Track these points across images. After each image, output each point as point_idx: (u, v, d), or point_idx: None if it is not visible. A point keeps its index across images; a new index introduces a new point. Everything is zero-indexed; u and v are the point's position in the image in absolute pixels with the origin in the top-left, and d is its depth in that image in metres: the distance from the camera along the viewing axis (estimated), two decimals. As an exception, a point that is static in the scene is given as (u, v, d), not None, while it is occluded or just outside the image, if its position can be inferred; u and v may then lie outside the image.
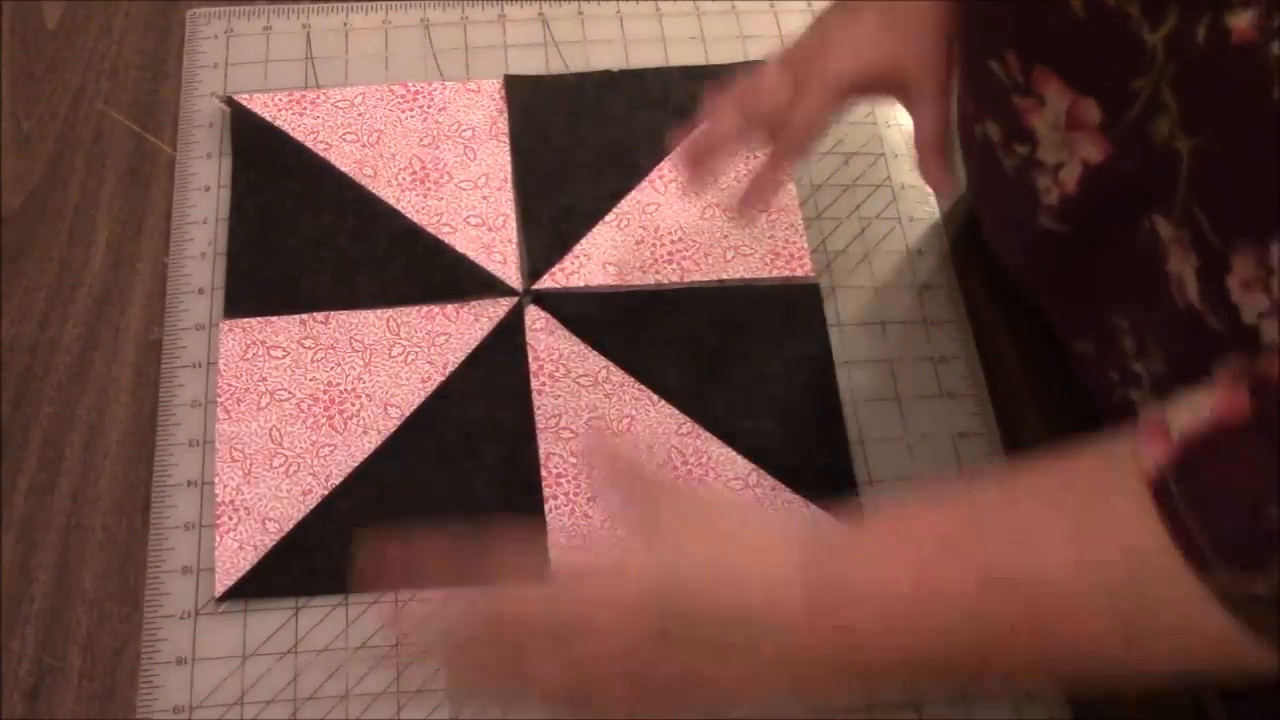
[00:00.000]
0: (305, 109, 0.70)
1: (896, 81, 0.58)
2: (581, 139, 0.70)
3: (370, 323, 0.64)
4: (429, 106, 0.70)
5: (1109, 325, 0.54)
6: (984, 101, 0.55)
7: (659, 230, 0.67)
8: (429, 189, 0.68)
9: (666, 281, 0.66)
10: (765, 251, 0.67)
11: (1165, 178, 0.44)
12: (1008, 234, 0.61)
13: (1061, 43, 0.48)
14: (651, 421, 0.62)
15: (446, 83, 0.71)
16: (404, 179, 0.68)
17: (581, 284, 0.65)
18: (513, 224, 0.67)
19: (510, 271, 0.66)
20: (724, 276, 0.66)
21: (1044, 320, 0.60)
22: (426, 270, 0.65)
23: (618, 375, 0.63)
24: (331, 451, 0.60)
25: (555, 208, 0.68)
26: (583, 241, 0.66)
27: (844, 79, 0.57)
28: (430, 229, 0.66)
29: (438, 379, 0.62)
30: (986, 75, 0.53)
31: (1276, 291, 0.40)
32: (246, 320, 0.63)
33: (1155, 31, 0.43)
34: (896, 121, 0.71)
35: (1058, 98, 0.49)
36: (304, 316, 0.64)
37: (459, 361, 0.63)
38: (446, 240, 0.66)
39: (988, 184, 0.60)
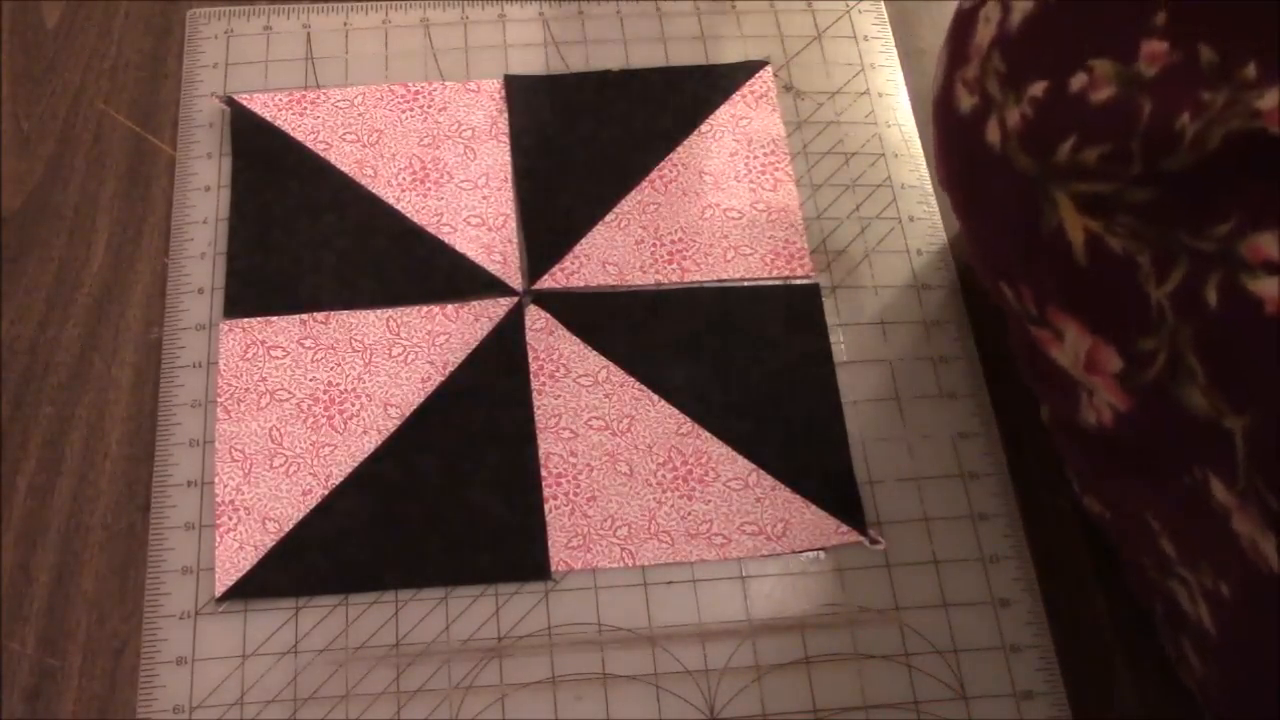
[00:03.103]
0: (305, 109, 0.70)
1: None
2: (581, 139, 0.70)
3: (370, 323, 0.64)
4: (429, 106, 0.70)
5: (1142, 519, 0.48)
6: (1007, 313, 0.49)
7: (659, 230, 0.67)
8: (429, 189, 0.68)
9: (666, 281, 0.66)
10: (765, 251, 0.67)
11: (1217, 451, 0.39)
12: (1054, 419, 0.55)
13: (1069, 284, 0.43)
14: (651, 421, 0.62)
15: (446, 83, 0.71)
16: (404, 179, 0.68)
17: (581, 284, 0.65)
18: (513, 224, 0.67)
19: (510, 271, 0.66)
20: (724, 276, 0.66)
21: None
22: (426, 270, 0.65)
23: (618, 375, 0.63)
24: (331, 451, 0.60)
25: (555, 208, 0.68)
26: (583, 241, 0.66)
27: None
28: (430, 229, 0.66)
29: (438, 379, 0.62)
30: (1000, 295, 0.48)
31: None
32: (246, 320, 0.63)
33: (1160, 287, 0.39)
34: (896, 122, 0.71)
35: (1077, 338, 0.44)
36: (304, 316, 0.64)
37: (459, 361, 0.63)
38: (446, 240, 0.66)
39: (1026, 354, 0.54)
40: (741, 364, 0.63)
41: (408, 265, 0.65)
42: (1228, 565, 0.42)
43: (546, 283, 0.65)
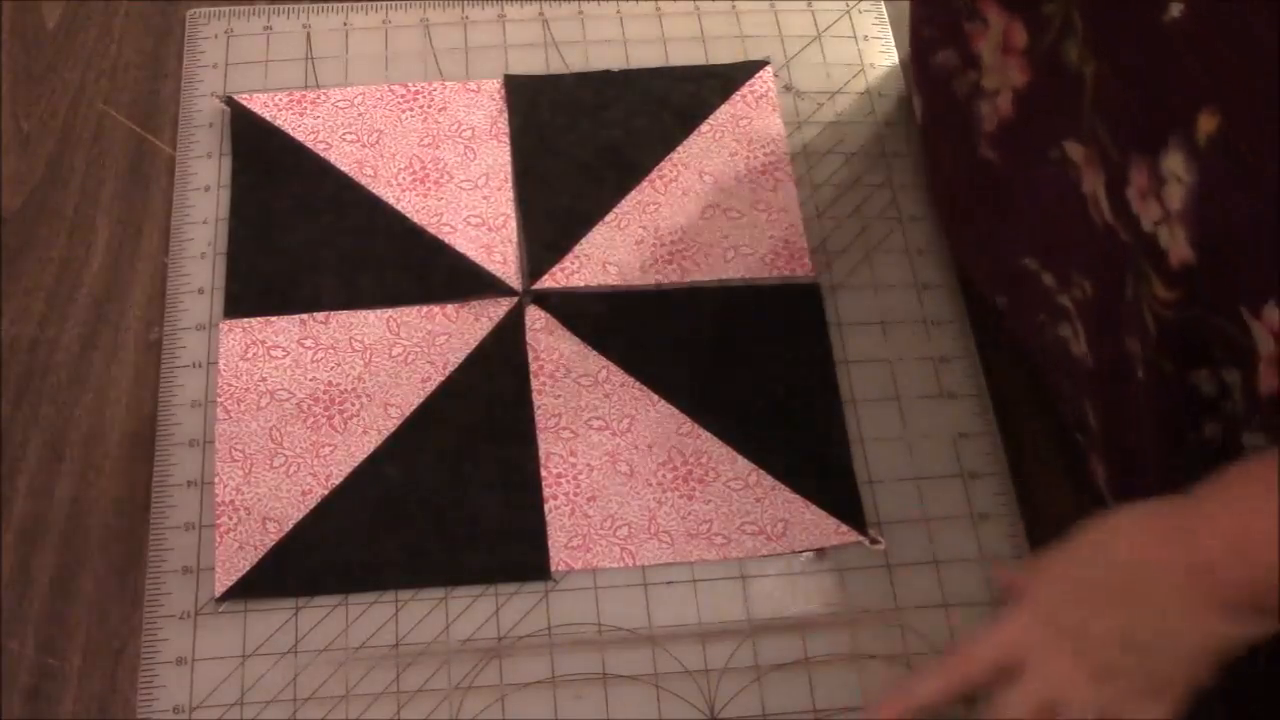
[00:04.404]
0: (305, 109, 0.70)
1: None
2: (581, 139, 0.70)
3: (370, 323, 0.64)
4: (429, 106, 0.70)
5: (1022, 270, 0.56)
6: (943, 29, 0.57)
7: (659, 230, 0.67)
8: (429, 189, 0.68)
9: (666, 281, 0.66)
10: (765, 251, 0.67)
11: (1074, 100, 0.49)
12: (952, 169, 0.63)
13: None
14: (651, 421, 0.62)
15: (446, 83, 0.71)
16: (404, 179, 0.68)
17: (581, 284, 0.65)
18: (513, 224, 0.67)
19: (510, 271, 0.66)
20: (724, 276, 0.66)
21: (975, 285, 0.64)
22: (426, 270, 0.65)
23: (618, 375, 0.63)
24: (331, 451, 0.60)
25: (555, 208, 0.68)
26: (583, 241, 0.66)
27: None
28: (430, 229, 0.66)
29: (438, 379, 0.62)
30: (944, 1, 0.56)
31: (1167, 199, 0.43)
32: (246, 320, 0.63)
33: None
34: (896, 121, 0.71)
35: (997, 19, 0.52)
36: (304, 316, 0.64)
37: (459, 361, 0.63)
38: (446, 240, 0.66)
39: (940, 114, 0.62)
40: (741, 364, 0.63)
41: (408, 265, 0.65)
42: (1085, 250, 0.50)
43: (546, 283, 0.65)
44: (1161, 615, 0.46)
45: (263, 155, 0.68)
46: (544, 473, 0.60)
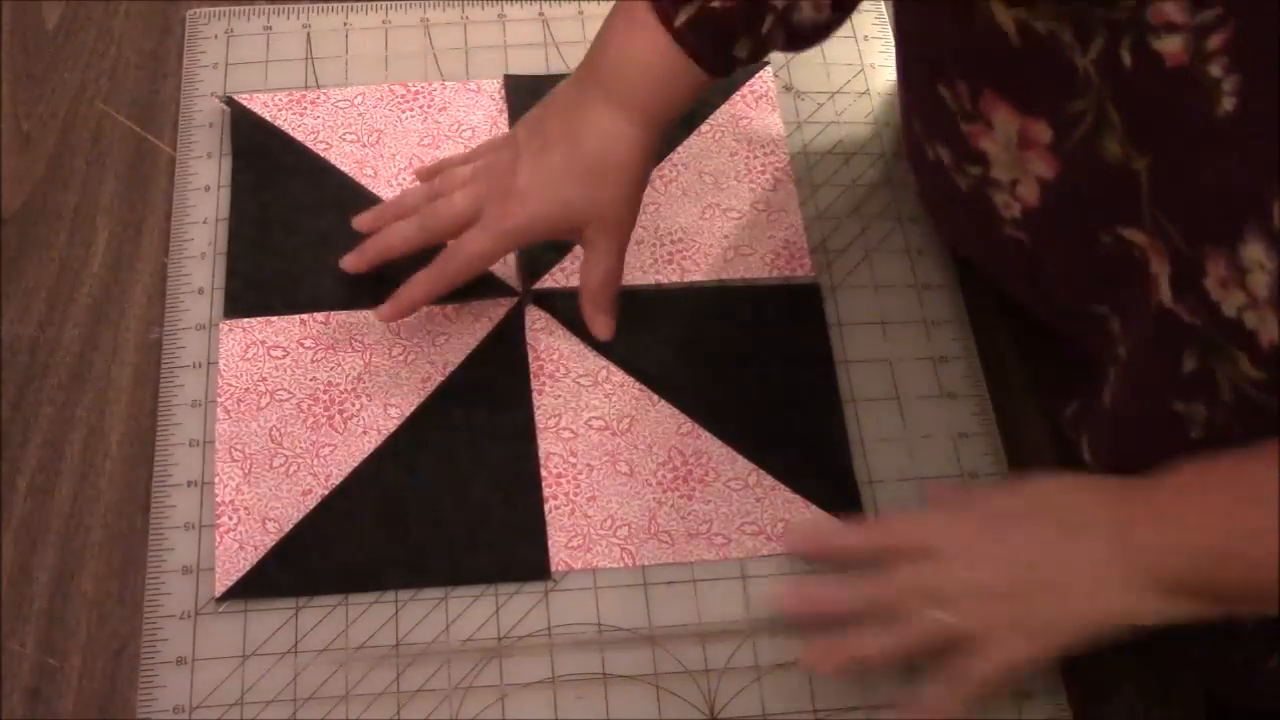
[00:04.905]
0: (305, 109, 0.70)
1: (577, 229, 0.59)
2: (581, 139, 0.69)
3: (370, 323, 0.64)
4: (429, 106, 0.70)
5: (1090, 312, 0.56)
6: (932, 125, 0.56)
7: (659, 230, 0.67)
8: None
9: (666, 281, 0.66)
10: (765, 251, 0.67)
11: (1127, 194, 0.47)
12: (968, 242, 0.63)
13: (1004, 68, 0.50)
14: (651, 421, 0.62)
15: (446, 83, 0.71)
16: (404, 179, 0.68)
17: (581, 284, 0.65)
18: (513, 224, 0.67)
19: (510, 271, 0.66)
20: (724, 276, 0.66)
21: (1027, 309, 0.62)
22: (426, 270, 0.65)
23: (618, 375, 0.63)
24: (331, 451, 0.60)
25: (555, 208, 0.67)
26: (583, 241, 0.66)
27: (523, 227, 0.59)
28: (430, 229, 0.66)
29: (438, 379, 0.62)
30: (934, 100, 0.54)
31: (1252, 287, 0.42)
32: (246, 320, 0.63)
33: (1085, 55, 0.45)
34: (896, 122, 0.71)
35: (1006, 121, 0.51)
36: (304, 316, 0.64)
37: (459, 361, 0.63)
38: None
39: (942, 199, 0.61)
40: (741, 364, 0.63)
41: (408, 265, 0.65)
42: (1138, 320, 0.51)
43: (546, 283, 0.65)
44: (1075, 560, 0.49)
45: (263, 155, 0.68)
46: (544, 473, 0.60)
